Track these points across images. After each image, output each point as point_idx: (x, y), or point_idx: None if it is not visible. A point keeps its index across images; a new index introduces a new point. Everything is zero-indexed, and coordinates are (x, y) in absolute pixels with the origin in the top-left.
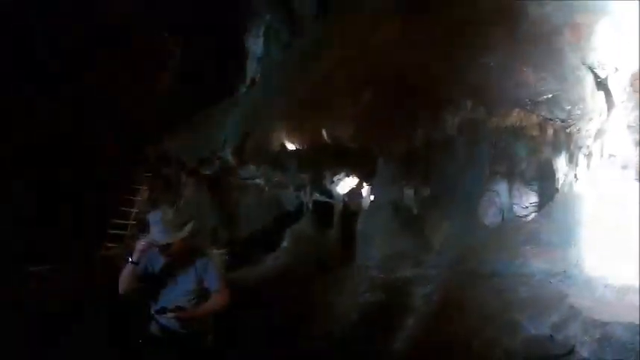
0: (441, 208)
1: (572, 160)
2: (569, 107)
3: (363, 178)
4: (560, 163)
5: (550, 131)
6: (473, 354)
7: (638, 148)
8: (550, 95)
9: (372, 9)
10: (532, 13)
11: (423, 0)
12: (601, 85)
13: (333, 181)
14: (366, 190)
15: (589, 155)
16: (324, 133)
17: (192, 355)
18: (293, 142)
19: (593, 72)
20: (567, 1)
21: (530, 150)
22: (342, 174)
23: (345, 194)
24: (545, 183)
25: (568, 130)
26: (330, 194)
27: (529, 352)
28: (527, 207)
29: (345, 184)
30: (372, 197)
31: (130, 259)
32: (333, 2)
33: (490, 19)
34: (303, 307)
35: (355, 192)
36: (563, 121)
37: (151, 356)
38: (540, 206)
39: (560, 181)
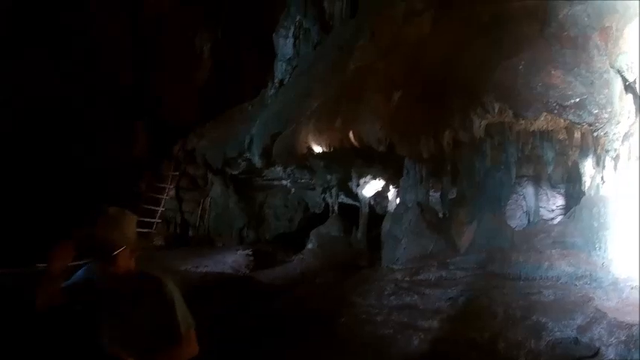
0: (467, 211)
1: (599, 163)
2: (597, 111)
3: (390, 179)
4: (587, 166)
5: (577, 134)
6: (498, 356)
7: None
8: (578, 99)
9: (402, 9)
10: (561, 14)
11: (452, 1)
12: (629, 88)
13: (359, 184)
14: (392, 192)
15: (616, 158)
16: (351, 134)
17: None
18: (320, 144)
19: (621, 75)
20: (596, 2)
21: (557, 153)
22: (369, 176)
23: (371, 196)
24: (572, 186)
25: (595, 134)
26: (356, 196)
27: (554, 354)
28: (553, 210)
29: (372, 187)
30: (398, 199)
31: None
32: (364, 1)
33: (519, 19)
34: (327, 310)
35: (381, 194)
36: (590, 124)
37: None
38: (567, 209)
39: (587, 184)
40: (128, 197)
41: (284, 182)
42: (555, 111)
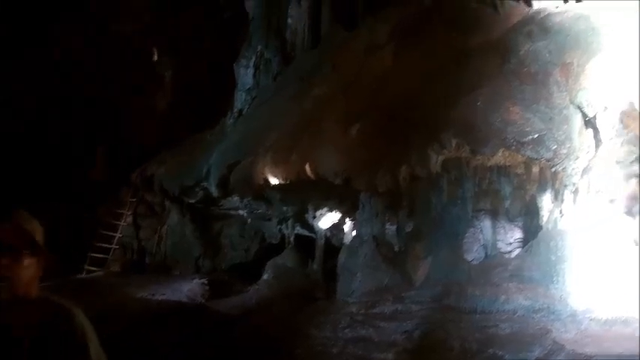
0: (423, 245)
1: (557, 197)
2: (555, 147)
3: (346, 212)
4: (546, 200)
5: (535, 169)
6: None
7: (627, 182)
8: (536, 135)
9: (364, 42)
10: (522, 50)
11: (414, 34)
12: (589, 123)
13: (315, 216)
14: (348, 224)
15: (575, 191)
16: (307, 167)
17: None
18: (276, 176)
19: (581, 111)
20: (559, 38)
21: (515, 188)
22: (325, 208)
23: (327, 228)
24: (530, 219)
25: (553, 169)
26: (312, 228)
27: None
28: (511, 243)
29: (328, 219)
30: (354, 232)
31: None
32: (327, 34)
33: (480, 55)
34: (283, 341)
35: (337, 227)
36: (548, 160)
37: None
38: (525, 242)
39: (545, 218)
40: (86, 221)
41: (241, 212)
42: (513, 147)
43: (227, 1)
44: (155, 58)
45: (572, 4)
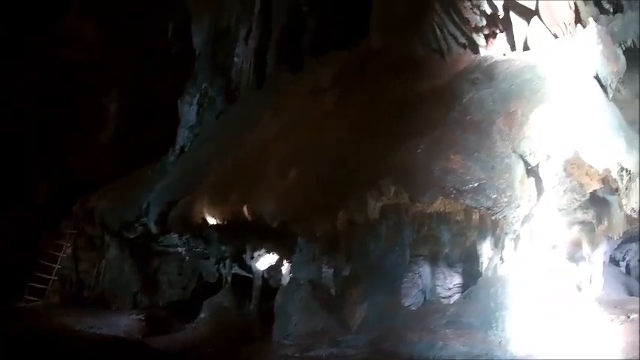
0: (360, 289)
1: (497, 244)
2: (496, 195)
3: (284, 254)
4: (485, 247)
5: (476, 216)
6: None
7: (569, 229)
8: (476, 184)
9: (308, 85)
10: (466, 98)
11: (358, 79)
12: (531, 172)
13: (253, 257)
14: (286, 266)
15: (516, 238)
16: (245, 208)
17: None
18: (214, 216)
19: (523, 160)
20: (503, 86)
21: (455, 234)
22: (263, 250)
23: (265, 269)
24: (470, 265)
25: (494, 217)
26: (250, 268)
27: None
28: (450, 288)
29: (266, 260)
30: (291, 275)
31: None
32: (271, 75)
33: (424, 102)
34: None
35: (275, 268)
36: (488, 208)
37: None
38: (465, 288)
39: (484, 265)
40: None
41: (179, 250)
42: (452, 196)
43: (175, 37)
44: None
45: (519, 52)
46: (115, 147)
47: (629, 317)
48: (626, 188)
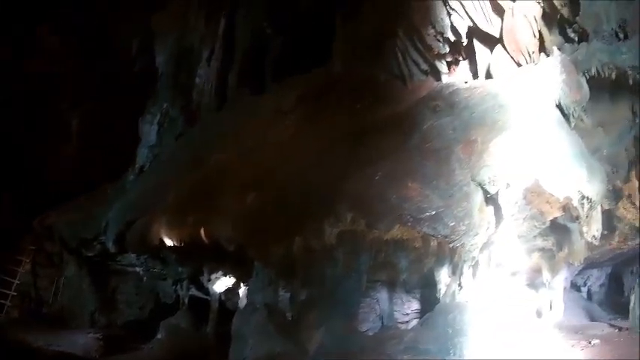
0: (317, 314)
1: (455, 271)
2: (453, 223)
3: (241, 277)
4: (443, 274)
5: (433, 243)
6: None
7: (529, 256)
8: (433, 212)
9: (269, 108)
10: (425, 125)
11: (319, 104)
12: (491, 200)
13: (210, 279)
14: (243, 289)
15: (475, 265)
16: (202, 231)
17: None
18: (172, 238)
19: (482, 188)
20: (464, 114)
21: (412, 261)
22: (220, 272)
23: (222, 292)
24: (428, 292)
25: (451, 245)
26: (207, 291)
27: None
28: (408, 314)
29: (223, 282)
30: (247, 298)
31: None
32: (233, 97)
33: (384, 129)
34: None
35: (232, 291)
36: (446, 236)
37: None
38: (423, 313)
39: (442, 291)
40: None
41: (137, 269)
42: (409, 223)
43: (138, 55)
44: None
45: (481, 80)
46: (76, 163)
47: (590, 343)
48: (587, 216)
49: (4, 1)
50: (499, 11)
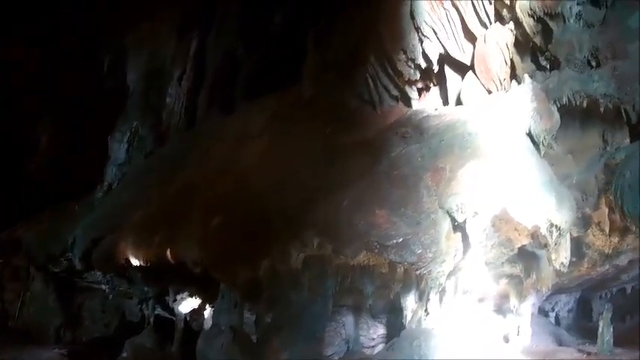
0: (282, 336)
1: (422, 297)
2: (420, 251)
3: (206, 299)
4: (409, 300)
5: (400, 270)
6: None
7: (497, 282)
8: (401, 239)
9: (238, 130)
10: (394, 152)
11: (288, 127)
12: (458, 227)
13: (176, 299)
14: (208, 310)
15: (442, 291)
16: (168, 252)
17: None
18: (138, 257)
19: (450, 215)
20: (433, 142)
21: (378, 286)
22: (186, 293)
23: (187, 313)
24: (394, 317)
25: (418, 272)
26: (172, 311)
27: None
28: (374, 339)
29: (188, 303)
30: (213, 320)
31: None
32: (202, 118)
33: (352, 154)
34: None
35: (197, 312)
36: (412, 264)
37: None
38: (389, 338)
39: (408, 317)
40: None
41: (103, 287)
42: (376, 250)
43: (110, 72)
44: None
45: (452, 107)
46: (45, 178)
47: None
48: (556, 244)
49: None
50: (471, 38)
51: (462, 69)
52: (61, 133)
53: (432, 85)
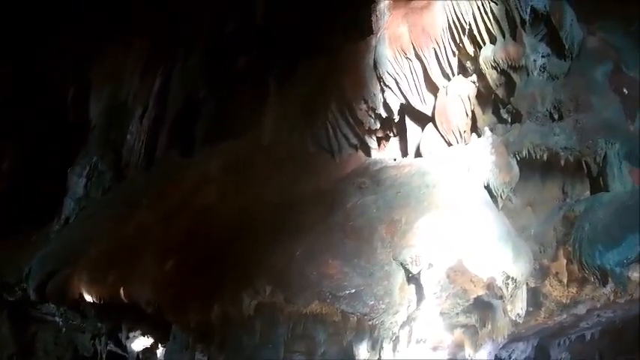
0: None
1: (375, 346)
2: (373, 302)
3: (159, 339)
4: (362, 349)
5: (353, 319)
6: None
7: (452, 332)
8: (353, 290)
9: (195, 173)
10: (349, 204)
11: (244, 173)
12: (412, 279)
13: (128, 337)
14: (161, 350)
15: (395, 340)
16: (122, 291)
17: None
18: (91, 294)
19: (404, 267)
20: (389, 194)
21: (331, 334)
22: (139, 331)
23: (140, 351)
24: None
25: (371, 323)
26: (125, 347)
27: None
28: None
29: (141, 342)
30: (165, 359)
31: None
32: (161, 158)
33: (306, 204)
34: None
35: (150, 351)
36: (365, 314)
37: None
38: None
39: None
40: None
41: (56, 319)
42: (328, 300)
43: (74, 104)
44: None
45: (411, 158)
46: (3, 206)
47: None
48: (512, 295)
49: None
50: (433, 89)
51: (422, 120)
52: (23, 163)
53: (392, 135)
